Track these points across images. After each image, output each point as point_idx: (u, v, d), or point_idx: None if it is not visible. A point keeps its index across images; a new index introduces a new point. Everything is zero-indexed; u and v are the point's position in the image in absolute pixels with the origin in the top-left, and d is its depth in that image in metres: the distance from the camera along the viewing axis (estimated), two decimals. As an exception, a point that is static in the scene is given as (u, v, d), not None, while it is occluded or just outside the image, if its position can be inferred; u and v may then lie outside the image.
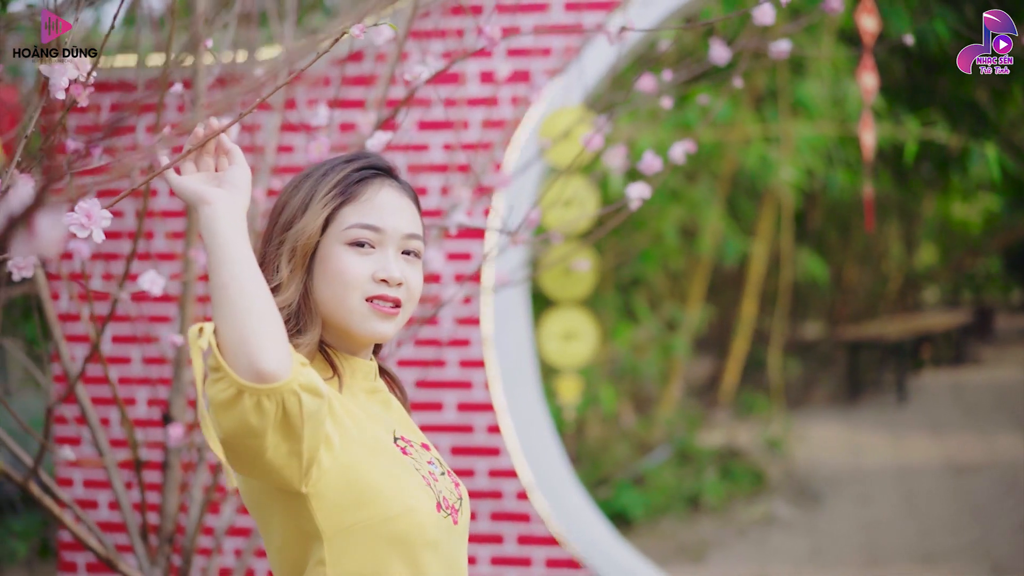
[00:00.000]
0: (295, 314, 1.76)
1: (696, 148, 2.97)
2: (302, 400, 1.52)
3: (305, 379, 1.53)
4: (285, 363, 1.51)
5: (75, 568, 4.45)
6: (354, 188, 1.78)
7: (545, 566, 4.28)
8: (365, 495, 1.68)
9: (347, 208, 1.77)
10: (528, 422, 4.35)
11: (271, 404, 1.50)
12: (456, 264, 4.18)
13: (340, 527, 1.68)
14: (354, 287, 1.75)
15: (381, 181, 1.81)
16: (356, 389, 1.81)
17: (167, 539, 3.25)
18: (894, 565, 6.35)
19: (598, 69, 4.07)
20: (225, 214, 1.59)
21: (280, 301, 1.73)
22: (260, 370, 1.49)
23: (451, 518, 1.78)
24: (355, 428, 1.72)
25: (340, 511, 1.68)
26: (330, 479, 1.66)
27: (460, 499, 1.85)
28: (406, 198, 1.83)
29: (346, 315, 1.76)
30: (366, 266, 1.76)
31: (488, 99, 4.14)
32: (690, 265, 9.27)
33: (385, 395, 1.88)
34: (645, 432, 8.36)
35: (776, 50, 3.08)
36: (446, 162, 4.18)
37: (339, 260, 1.75)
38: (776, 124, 7.92)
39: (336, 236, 1.76)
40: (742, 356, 9.97)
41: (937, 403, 11.33)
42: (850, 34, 7.96)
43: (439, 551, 1.75)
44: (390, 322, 1.77)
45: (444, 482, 1.82)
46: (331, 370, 1.78)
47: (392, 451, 1.76)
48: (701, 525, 7.33)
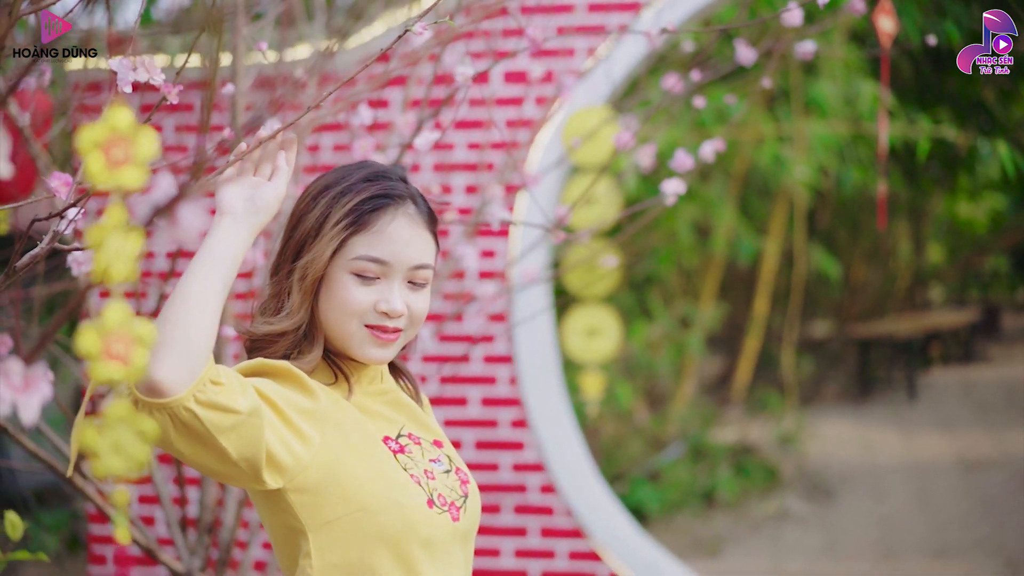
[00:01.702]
0: (300, 335, 1.83)
1: (724, 147, 3.04)
2: (199, 416, 1.55)
3: (208, 397, 1.56)
4: (179, 381, 1.52)
5: (104, 561, 4.51)
6: (367, 217, 1.80)
7: (568, 558, 4.35)
8: (347, 490, 1.74)
9: (357, 238, 1.79)
10: (552, 417, 4.41)
11: (162, 417, 1.54)
12: (482, 261, 4.24)
13: (323, 521, 1.74)
14: (354, 315, 1.80)
15: (395, 210, 1.82)
16: (359, 392, 1.86)
17: (206, 530, 3.33)
18: (908, 559, 6.41)
19: (622, 69, 4.13)
20: (229, 232, 1.65)
21: (289, 325, 1.80)
22: (150, 383, 1.51)
23: (448, 515, 1.82)
24: (349, 428, 1.78)
25: (322, 506, 1.74)
26: (310, 475, 1.72)
27: (464, 497, 1.87)
28: (418, 227, 1.84)
29: (346, 339, 1.82)
30: (369, 297, 1.80)
31: (513, 99, 4.21)
32: (703, 263, 9.33)
33: (395, 395, 1.92)
34: (659, 429, 8.42)
35: (801, 50, 3.15)
36: (471, 161, 4.24)
37: (343, 288, 1.79)
38: (789, 123, 7.97)
39: (343, 264, 1.80)
40: (754, 354, 10.03)
41: (947, 400, 11.39)
42: (861, 34, 8.02)
43: (434, 548, 1.79)
44: (388, 348, 1.83)
45: (446, 480, 1.86)
46: (334, 376, 1.85)
47: (379, 449, 1.80)
48: (716, 520, 7.40)
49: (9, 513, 2.65)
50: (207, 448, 1.59)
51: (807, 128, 7.92)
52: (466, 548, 1.88)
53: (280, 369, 1.76)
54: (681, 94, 3.33)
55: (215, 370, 1.58)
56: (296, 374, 1.76)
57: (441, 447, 1.92)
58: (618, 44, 4.05)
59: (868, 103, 7.68)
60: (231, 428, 1.58)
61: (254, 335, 1.82)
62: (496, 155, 4.17)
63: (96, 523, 4.49)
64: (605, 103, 4.21)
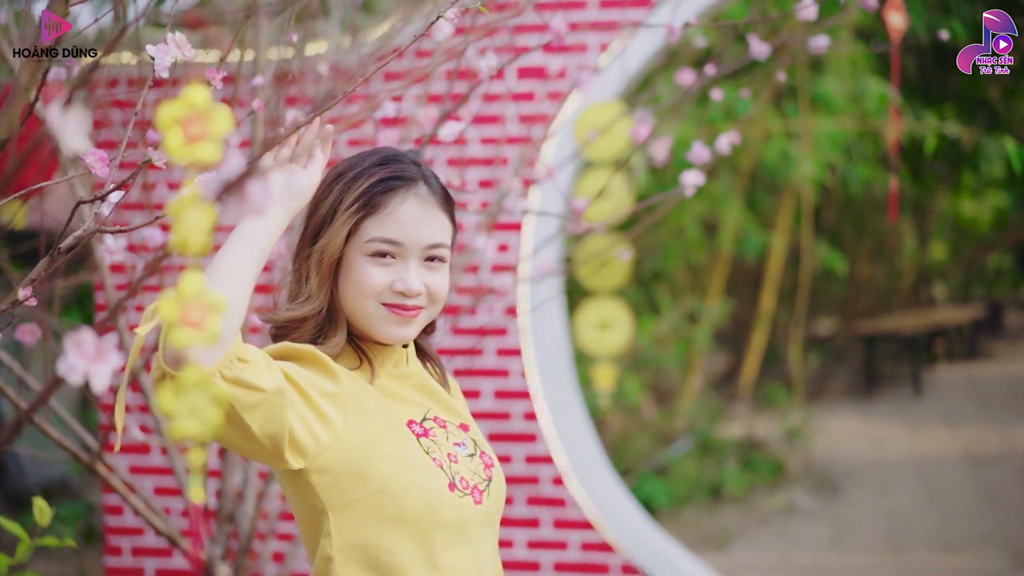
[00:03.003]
0: (323, 319, 1.86)
1: (739, 140, 3.07)
2: (226, 392, 1.59)
3: (234, 374, 1.59)
4: (208, 355, 1.56)
5: (120, 552, 4.55)
6: (377, 200, 1.83)
7: (580, 549, 4.38)
8: (366, 472, 1.77)
9: (369, 220, 1.83)
10: (563, 409, 4.44)
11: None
12: (496, 255, 4.27)
13: (343, 502, 1.78)
14: (372, 296, 1.83)
15: (406, 191, 1.85)
16: (384, 375, 1.90)
17: (227, 519, 3.37)
18: (915, 552, 6.45)
19: (635, 65, 4.17)
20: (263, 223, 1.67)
21: (309, 310, 1.84)
22: (176, 356, 1.54)
23: (471, 498, 1.85)
24: (372, 411, 1.81)
25: (342, 486, 1.77)
26: (331, 457, 1.75)
27: (488, 481, 1.90)
28: (431, 207, 1.87)
29: (366, 319, 1.85)
30: (385, 277, 1.83)
31: (526, 94, 4.24)
32: (710, 259, 9.37)
33: (420, 379, 1.95)
34: (666, 423, 8.47)
35: (815, 45, 3.18)
36: (485, 156, 4.28)
37: (359, 271, 1.83)
38: (796, 120, 8.01)
39: (358, 247, 1.83)
40: (761, 349, 10.07)
41: (952, 396, 11.43)
42: (866, 32, 8.06)
43: (455, 531, 1.82)
44: (408, 326, 1.86)
45: (469, 463, 1.89)
46: (360, 360, 1.88)
47: (402, 432, 1.83)
48: (723, 514, 7.44)
49: (37, 499, 2.69)
50: (232, 424, 1.63)
51: (814, 125, 7.96)
52: (490, 531, 1.90)
53: (304, 353, 1.79)
54: (693, 90, 3.37)
55: (242, 348, 1.61)
56: (320, 357, 1.79)
57: (467, 431, 1.94)
58: (631, 40, 4.09)
59: (874, 100, 7.72)
60: (255, 406, 1.61)
61: (277, 321, 1.87)
62: (511, 150, 4.21)
63: (112, 515, 4.53)
64: (617, 98, 4.25)
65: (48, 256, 1.46)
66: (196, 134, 0.82)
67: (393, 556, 1.78)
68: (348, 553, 1.79)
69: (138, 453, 4.48)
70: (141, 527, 4.50)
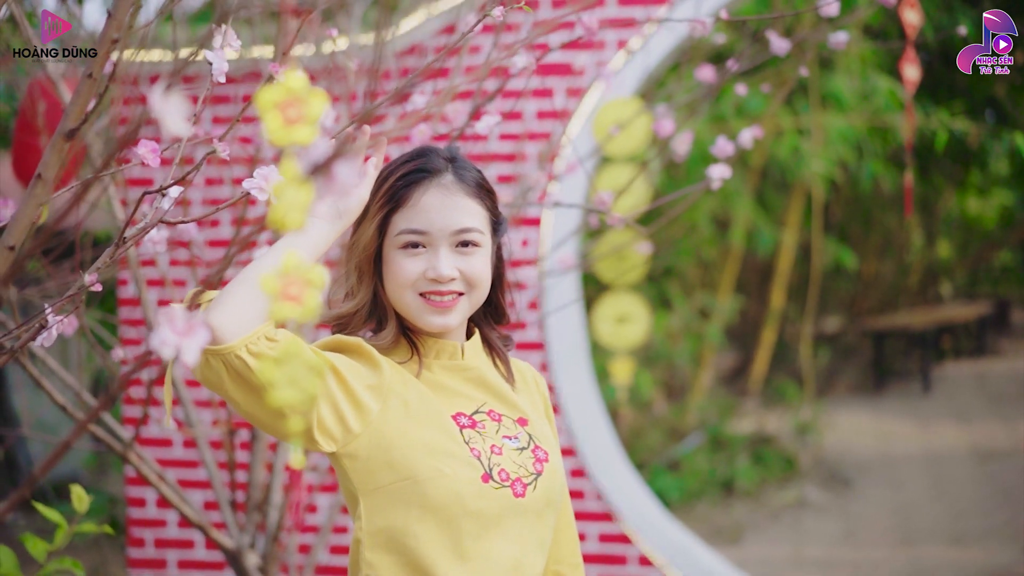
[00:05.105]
0: (370, 313, 1.94)
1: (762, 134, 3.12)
2: (251, 366, 1.65)
3: (260, 349, 1.66)
4: (231, 330, 1.63)
5: (143, 543, 4.60)
6: (401, 194, 1.89)
7: (599, 541, 4.43)
8: (395, 459, 1.83)
9: (397, 215, 1.89)
10: (582, 402, 4.49)
11: (216, 362, 1.65)
12: (517, 250, 4.32)
13: (372, 487, 1.84)
14: (407, 286, 1.89)
15: (428, 182, 1.90)
16: (436, 367, 1.94)
17: (255, 508, 3.42)
18: (925, 546, 6.49)
19: (653, 62, 4.22)
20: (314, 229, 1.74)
21: (353, 306, 1.92)
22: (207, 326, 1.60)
23: (509, 490, 1.87)
24: (413, 402, 1.87)
25: (372, 471, 1.83)
26: (361, 444, 1.82)
27: (536, 475, 1.92)
28: (455, 195, 1.90)
29: (407, 310, 1.91)
30: (418, 266, 1.89)
31: (545, 91, 4.29)
32: (721, 255, 9.42)
33: (477, 372, 1.98)
34: (678, 419, 8.52)
35: (833, 41, 3.23)
36: (505, 152, 4.32)
37: (394, 263, 1.90)
38: (807, 116, 8.06)
39: (391, 242, 1.90)
40: (771, 345, 10.11)
41: (961, 392, 11.47)
42: (876, 30, 8.10)
43: (488, 521, 1.85)
44: (447, 314, 1.90)
45: (517, 456, 1.91)
46: (410, 353, 1.94)
47: (443, 423, 1.88)
48: (735, 509, 7.49)
49: (75, 487, 2.74)
50: (260, 400, 1.68)
51: (825, 121, 8.00)
52: (534, 524, 1.92)
53: (352, 344, 1.87)
54: (710, 86, 3.41)
55: (272, 330, 1.69)
56: (366, 349, 1.86)
57: (525, 425, 1.97)
58: (649, 37, 4.13)
59: (884, 97, 7.76)
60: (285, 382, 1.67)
61: (330, 318, 1.95)
62: (532, 146, 4.26)
63: (135, 507, 4.59)
64: (635, 95, 4.29)
65: (114, 245, 1.51)
66: (294, 117, 0.88)
67: (418, 541, 1.83)
68: (376, 537, 1.85)
69: (162, 446, 4.53)
70: (164, 519, 4.55)
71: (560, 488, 1.97)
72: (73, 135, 1.33)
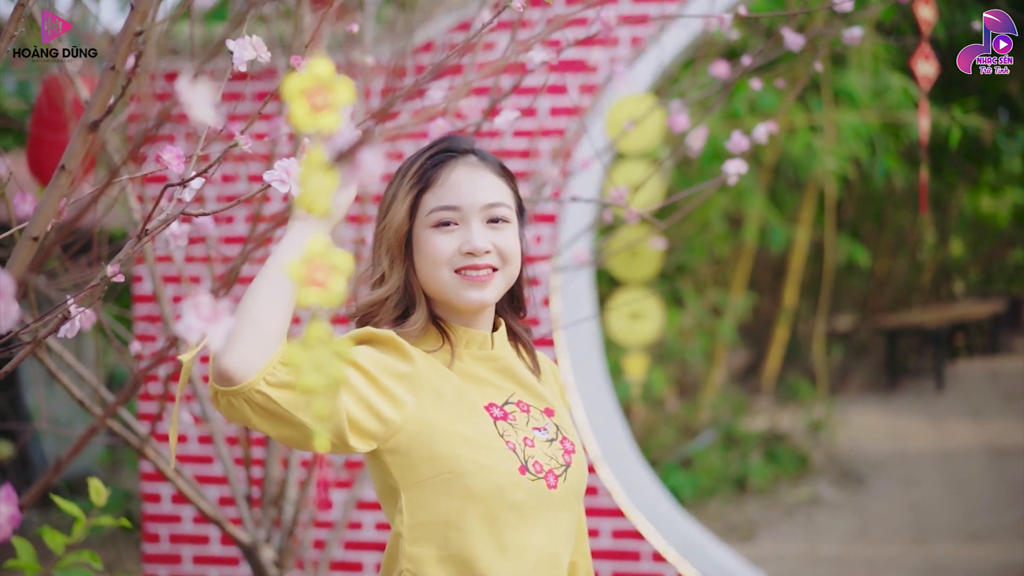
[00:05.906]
0: (401, 299, 1.93)
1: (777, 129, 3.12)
2: (273, 397, 1.65)
3: (278, 378, 1.65)
4: (247, 368, 1.63)
5: (158, 539, 4.62)
6: (430, 174, 1.91)
7: (611, 537, 4.43)
8: (436, 452, 1.83)
9: (427, 195, 1.90)
10: (595, 399, 4.49)
11: (238, 402, 1.66)
12: (531, 246, 4.32)
13: (415, 480, 1.84)
14: (443, 263, 1.89)
15: (455, 162, 1.92)
16: (467, 357, 1.95)
17: (271, 503, 3.44)
18: (939, 543, 6.49)
19: (666, 58, 4.22)
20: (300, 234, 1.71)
21: (385, 291, 1.92)
22: (222, 373, 1.63)
23: (543, 482, 1.88)
24: (447, 393, 1.86)
25: (414, 465, 1.83)
26: (402, 437, 1.82)
27: (566, 467, 1.92)
28: (483, 171, 1.93)
29: (442, 289, 1.91)
30: (452, 242, 1.89)
31: (558, 87, 4.29)
32: (734, 253, 9.41)
33: (506, 363, 1.98)
34: (690, 416, 8.52)
35: (848, 37, 3.23)
36: (519, 148, 4.33)
37: (427, 243, 1.90)
38: (820, 113, 8.04)
39: (423, 222, 1.91)
40: (784, 343, 10.10)
41: (975, 390, 11.46)
42: (888, 27, 8.08)
43: (524, 513, 1.86)
44: (483, 288, 1.90)
45: (547, 448, 1.92)
46: (441, 342, 1.94)
47: (478, 415, 1.88)
48: (748, 506, 7.48)
49: (93, 480, 2.76)
50: (288, 424, 1.69)
51: (838, 118, 7.99)
52: (566, 515, 1.93)
53: (382, 337, 1.86)
54: (724, 83, 3.41)
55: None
56: (397, 342, 1.86)
57: (552, 416, 1.98)
58: (663, 33, 4.14)
59: (897, 94, 7.75)
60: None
61: (361, 308, 1.94)
62: (545, 142, 4.26)
63: (150, 502, 4.60)
64: (648, 91, 4.29)
65: (136, 236, 1.52)
66: (320, 104, 0.89)
67: (461, 534, 1.83)
68: (418, 531, 1.85)
69: (178, 442, 4.55)
70: (179, 514, 4.57)
71: (585, 479, 1.99)
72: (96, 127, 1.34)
